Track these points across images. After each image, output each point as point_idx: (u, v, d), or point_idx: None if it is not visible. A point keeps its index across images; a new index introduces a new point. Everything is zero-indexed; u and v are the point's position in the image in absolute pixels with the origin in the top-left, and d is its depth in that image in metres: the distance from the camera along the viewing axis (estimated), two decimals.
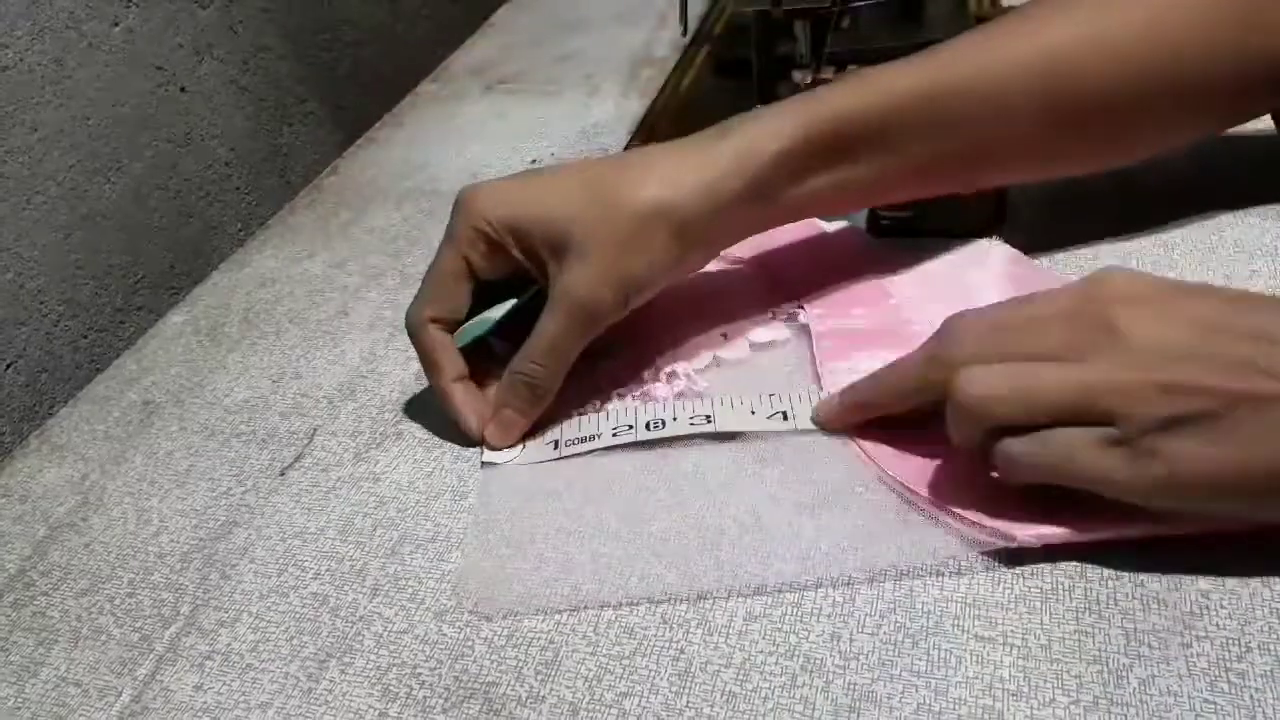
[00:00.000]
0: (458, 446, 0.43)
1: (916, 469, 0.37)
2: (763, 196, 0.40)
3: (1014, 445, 0.32)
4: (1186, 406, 0.29)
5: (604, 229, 0.39)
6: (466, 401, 0.42)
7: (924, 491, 0.36)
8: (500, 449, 0.42)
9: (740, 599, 0.34)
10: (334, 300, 0.55)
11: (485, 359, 0.44)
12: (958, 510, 0.35)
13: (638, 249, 0.39)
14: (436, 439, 0.44)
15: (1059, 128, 0.41)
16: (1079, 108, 0.41)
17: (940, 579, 0.34)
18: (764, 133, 0.40)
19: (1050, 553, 0.33)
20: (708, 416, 0.40)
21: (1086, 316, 0.32)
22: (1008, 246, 0.47)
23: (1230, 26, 0.40)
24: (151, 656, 0.37)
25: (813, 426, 0.40)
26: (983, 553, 0.34)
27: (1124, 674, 0.30)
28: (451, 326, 0.43)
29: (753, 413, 0.40)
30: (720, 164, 0.40)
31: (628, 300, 0.40)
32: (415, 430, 0.45)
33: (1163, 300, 0.31)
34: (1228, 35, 0.40)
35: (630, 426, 0.41)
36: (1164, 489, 0.30)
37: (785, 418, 0.40)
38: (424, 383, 0.47)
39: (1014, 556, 0.34)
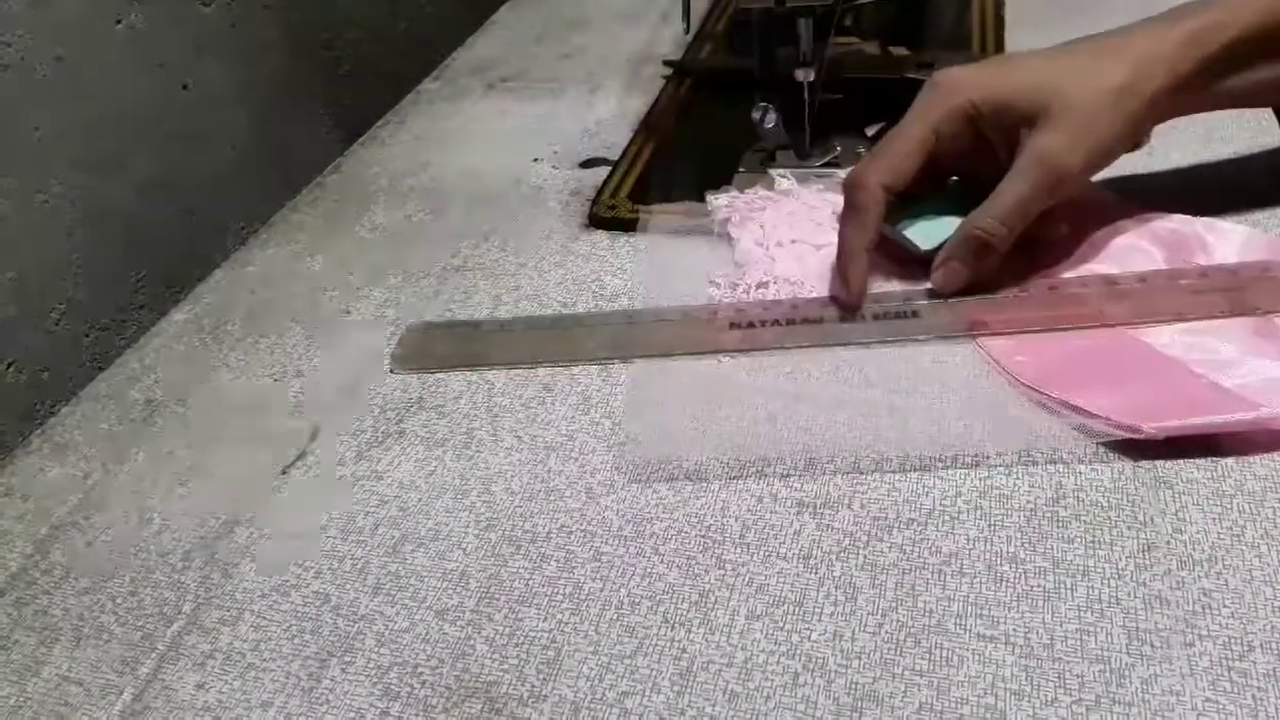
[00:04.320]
0: (459, 445, 0.43)
1: (1039, 367, 0.40)
2: (1210, 76, 0.43)
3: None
4: None
5: (1082, 99, 0.42)
6: (860, 272, 0.46)
7: (1051, 388, 0.39)
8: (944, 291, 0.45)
9: (741, 598, 0.34)
10: (336, 298, 0.55)
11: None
12: (1083, 405, 0.38)
13: (1109, 119, 0.42)
14: (438, 437, 0.44)
15: None
16: None
17: (943, 577, 0.34)
18: (1219, 20, 0.43)
19: (1171, 444, 0.36)
20: None
21: None
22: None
23: None
24: (153, 655, 0.37)
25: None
26: (1101, 443, 0.37)
27: (1126, 673, 0.30)
28: (890, 195, 0.45)
29: None
30: (1178, 45, 0.42)
31: (1091, 167, 0.43)
32: (417, 429, 0.45)
33: None
34: None
35: None
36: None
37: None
38: (425, 381, 0.47)
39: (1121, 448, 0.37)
